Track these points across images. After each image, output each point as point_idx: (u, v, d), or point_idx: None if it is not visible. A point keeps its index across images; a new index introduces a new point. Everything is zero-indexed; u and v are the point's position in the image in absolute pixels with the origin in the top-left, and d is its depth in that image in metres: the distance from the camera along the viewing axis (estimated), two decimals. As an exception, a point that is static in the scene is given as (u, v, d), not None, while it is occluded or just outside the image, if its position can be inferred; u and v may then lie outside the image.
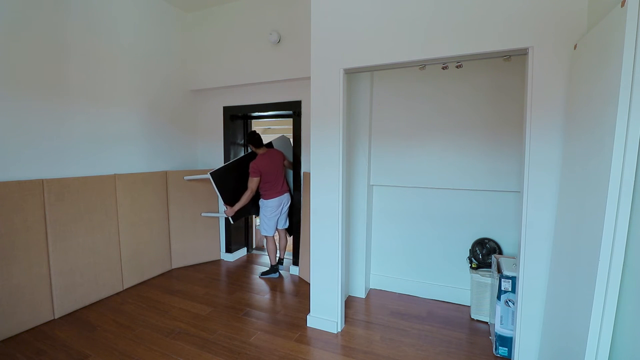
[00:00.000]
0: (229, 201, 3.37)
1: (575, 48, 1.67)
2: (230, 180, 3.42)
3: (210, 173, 3.27)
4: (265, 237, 3.48)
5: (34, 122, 2.49)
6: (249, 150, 4.07)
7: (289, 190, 3.54)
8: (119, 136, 3.13)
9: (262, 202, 3.40)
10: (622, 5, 1.21)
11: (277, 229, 3.51)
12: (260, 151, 3.35)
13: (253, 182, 3.24)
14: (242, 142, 4.10)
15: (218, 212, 3.89)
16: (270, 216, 3.38)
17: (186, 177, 3.64)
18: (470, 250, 2.74)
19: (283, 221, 3.53)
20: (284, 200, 3.44)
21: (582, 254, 1.43)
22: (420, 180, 2.84)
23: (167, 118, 3.66)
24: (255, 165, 3.22)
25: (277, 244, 3.66)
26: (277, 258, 3.61)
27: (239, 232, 4.14)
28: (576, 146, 1.56)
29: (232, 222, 3.47)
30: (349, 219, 2.98)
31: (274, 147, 3.62)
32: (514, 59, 2.25)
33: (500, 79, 2.52)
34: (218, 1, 3.56)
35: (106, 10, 2.97)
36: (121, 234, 3.09)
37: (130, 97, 3.24)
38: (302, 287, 3.22)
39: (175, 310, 2.76)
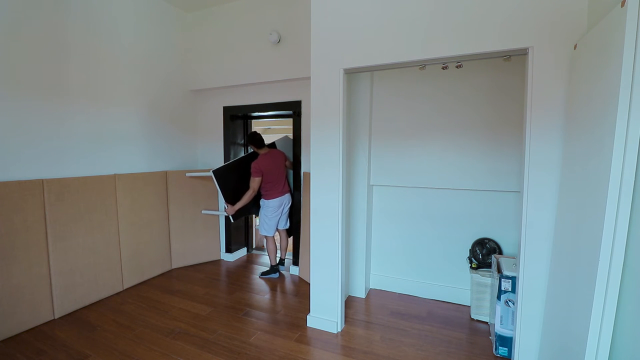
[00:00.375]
0: (230, 200, 3.37)
1: (575, 48, 1.67)
2: (231, 179, 3.43)
3: (213, 171, 3.28)
4: (266, 237, 3.48)
5: (34, 122, 2.49)
6: (250, 150, 4.07)
7: (290, 191, 3.54)
8: (119, 136, 3.13)
9: (263, 202, 3.40)
10: (622, 5, 1.21)
11: (277, 229, 3.51)
12: (262, 151, 3.35)
13: (255, 182, 3.24)
14: (242, 142, 4.10)
15: (217, 211, 3.90)
16: (271, 216, 3.38)
17: (188, 174, 3.66)
18: (470, 250, 2.74)
19: (284, 222, 3.53)
20: (285, 200, 3.44)
21: (582, 254, 1.43)
22: (420, 180, 2.84)
23: (167, 118, 3.66)
24: (257, 165, 3.22)
25: (278, 245, 3.66)
26: (279, 258, 3.63)
27: (239, 232, 4.14)
28: (576, 146, 1.56)
29: (232, 220, 3.47)
30: (349, 219, 2.98)
31: (277, 147, 3.63)
32: (514, 59, 2.25)
33: (500, 79, 2.52)
34: (218, 1, 3.56)
35: (106, 10, 2.97)
36: (121, 234, 3.09)
37: (130, 97, 3.24)
38: (302, 287, 3.22)
39: (175, 310, 2.76)
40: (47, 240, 2.54)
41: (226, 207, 3.35)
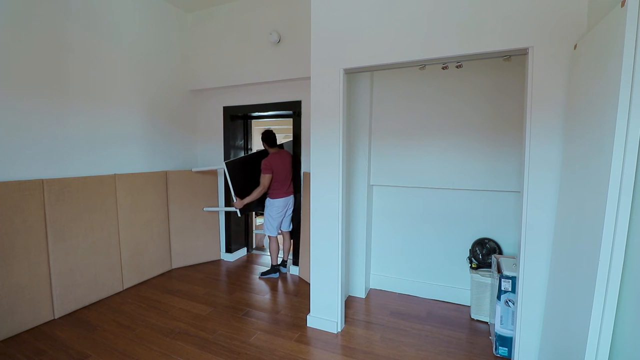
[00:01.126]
0: (239, 193, 3.37)
1: (575, 48, 1.66)
2: (241, 174, 3.44)
3: (225, 162, 3.30)
4: (269, 236, 3.48)
5: (34, 122, 2.49)
6: (251, 151, 4.08)
7: (294, 193, 3.54)
8: (119, 136, 3.13)
9: (269, 202, 3.40)
10: (622, 5, 1.21)
11: (281, 230, 3.51)
12: (272, 150, 3.37)
13: (265, 179, 3.24)
14: (242, 142, 4.10)
15: (219, 207, 3.90)
16: (275, 216, 3.38)
17: (194, 169, 3.70)
18: (470, 250, 2.74)
19: (287, 223, 3.54)
20: (290, 202, 3.45)
21: (582, 254, 1.43)
22: (420, 180, 2.84)
23: (167, 118, 3.66)
24: (268, 162, 3.24)
25: (281, 246, 3.65)
26: (281, 260, 3.63)
27: (239, 232, 4.14)
28: (576, 146, 1.56)
29: (239, 214, 3.46)
30: (349, 219, 2.98)
31: (284, 149, 3.64)
32: (514, 59, 2.25)
33: (500, 79, 2.51)
34: (218, 1, 3.56)
35: (106, 10, 2.97)
36: (121, 234, 3.09)
37: (130, 97, 3.24)
38: (302, 287, 3.22)
39: (175, 310, 2.76)
40: (47, 240, 2.54)
41: (234, 201, 3.35)
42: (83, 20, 2.79)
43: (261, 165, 3.26)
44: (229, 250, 4.00)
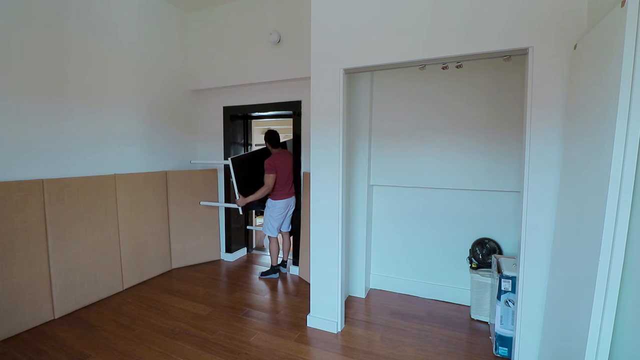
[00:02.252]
0: (242, 191, 3.36)
1: (575, 48, 1.66)
2: (244, 172, 3.43)
3: (231, 158, 3.28)
4: (269, 237, 3.48)
5: (34, 122, 2.49)
6: (254, 149, 4.06)
7: (295, 194, 3.54)
8: (119, 136, 3.13)
9: (270, 202, 3.39)
10: (622, 5, 1.21)
11: (280, 231, 3.51)
12: (275, 150, 3.37)
13: (270, 179, 3.22)
14: (242, 142, 4.11)
15: (218, 202, 3.89)
16: (276, 217, 3.38)
17: (193, 161, 3.72)
18: (470, 250, 2.74)
19: (287, 224, 3.54)
20: (291, 203, 3.45)
21: (582, 254, 1.43)
22: (420, 180, 2.84)
23: (167, 118, 3.66)
24: (272, 162, 3.23)
25: (281, 246, 3.65)
26: (281, 260, 3.62)
27: (239, 232, 4.14)
28: (576, 146, 1.56)
29: (240, 212, 3.45)
30: (349, 219, 2.98)
31: (287, 148, 3.64)
32: (514, 59, 2.24)
33: (500, 79, 2.51)
34: (218, 1, 3.56)
35: (106, 10, 2.97)
36: (121, 234, 3.09)
37: (130, 97, 3.24)
38: (302, 287, 3.22)
39: (175, 310, 2.76)
40: (47, 240, 2.54)
41: (237, 198, 3.33)
42: (83, 20, 2.79)
43: (265, 165, 3.24)
44: (229, 250, 4.00)
